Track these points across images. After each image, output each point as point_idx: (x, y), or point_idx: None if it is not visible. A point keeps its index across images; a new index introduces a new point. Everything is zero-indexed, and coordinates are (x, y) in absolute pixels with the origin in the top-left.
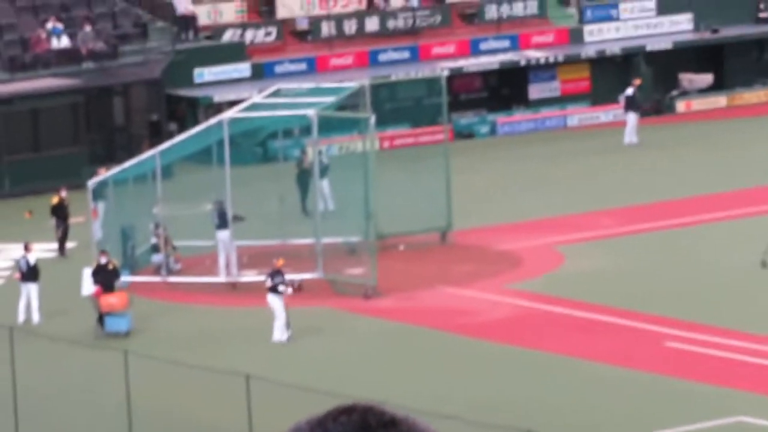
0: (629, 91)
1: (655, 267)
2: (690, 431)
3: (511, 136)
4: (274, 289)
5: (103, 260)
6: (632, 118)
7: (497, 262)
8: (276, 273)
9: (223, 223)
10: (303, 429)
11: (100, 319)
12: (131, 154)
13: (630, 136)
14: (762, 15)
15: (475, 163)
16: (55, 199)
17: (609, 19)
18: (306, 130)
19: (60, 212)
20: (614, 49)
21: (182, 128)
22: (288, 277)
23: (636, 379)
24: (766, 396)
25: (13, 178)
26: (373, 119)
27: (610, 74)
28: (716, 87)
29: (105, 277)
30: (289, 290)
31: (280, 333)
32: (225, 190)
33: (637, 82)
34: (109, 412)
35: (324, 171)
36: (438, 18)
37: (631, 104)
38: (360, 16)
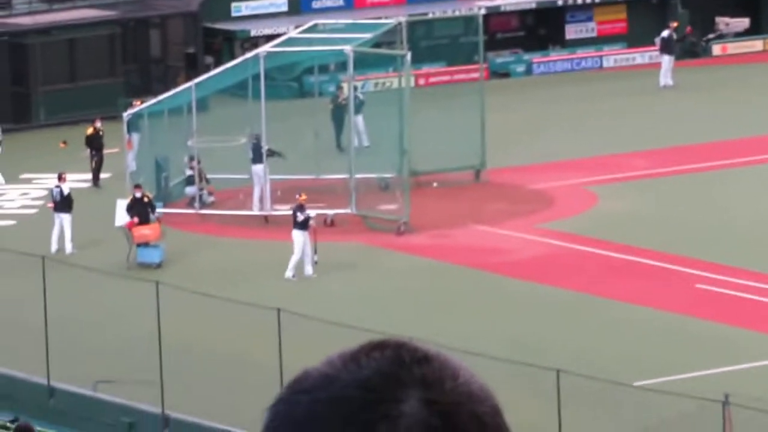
0: (665, 33)
1: (687, 209)
2: (720, 374)
3: (546, 75)
4: (299, 224)
5: (138, 194)
6: (667, 60)
7: (530, 202)
8: (299, 208)
9: (257, 157)
10: (335, 363)
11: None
12: (167, 87)
13: (665, 78)
14: None
15: (509, 102)
16: (89, 130)
17: None
18: (342, 66)
19: (94, 143)
20: None
21: (218, 62)
22: (316, 212)
23: (666, 320)
24: None
25: (49, 108)
26: (408, 56)
27: (646, 16)
28: (752, 31)
29: (140, 210)
30: (312, 214)
31: (292, 270)
32: (260, 124)
33: (674, 24)
34: (140, 343)
35: (359, 107)
36: None
37: (666, 46)
38: None
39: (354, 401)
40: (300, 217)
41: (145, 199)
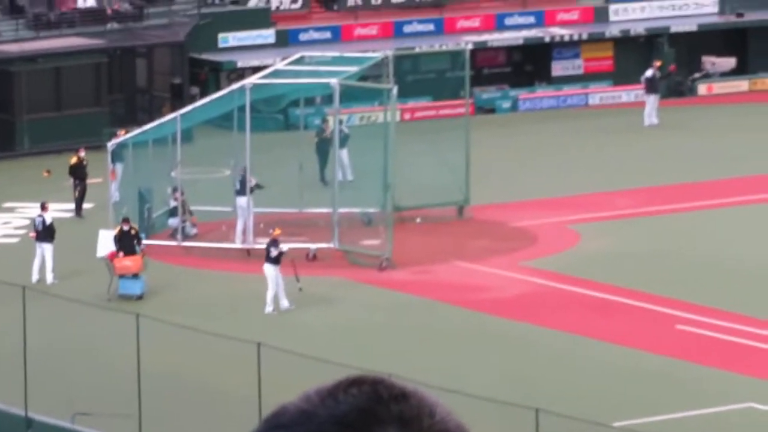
0: (649, 72)
1: (670, 249)
2: (698, 416)
3: (532, 112)
4: (271, 259)
5: (126, 227)
6: (652, 99)
7: (513, 239)
8: (273, 242)
9: (242, 190)
10: (313, 399)
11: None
12: (152, 117)
13: (650, 117)
14: None
15: (495, 138)
16: (73, 159)
17: None
18: (328, 99)
19: (78, 172)
20: (638, 29)
21: (204, 92)
22: (289, 246)
23: (646, 360)
24: None
25: (33, 136)
26: (395, 90)
27: (633, 54)
28: (739, 71)
29: (127, 242)
30: (284, 248)
31: (272, 305)
32: (245, 156)
33: (657, 63)
34: (120, 375)
35: (344, 141)
36: None
37: (651, 86)
38: None
39: None
40: (273, 252)
41: (132, 232)
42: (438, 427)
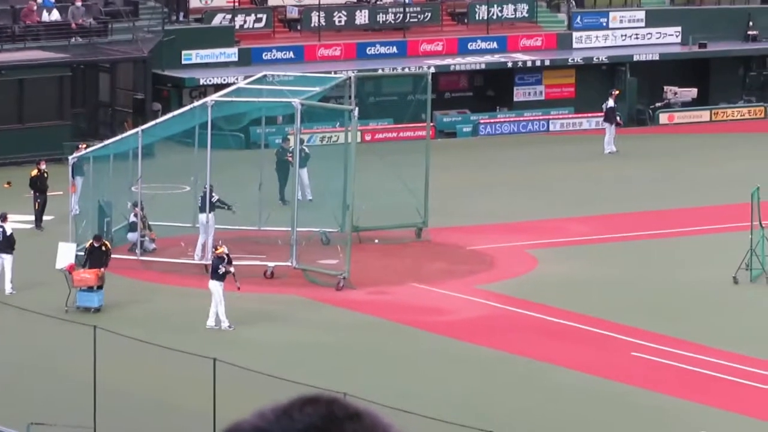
0: (610, 102)
1: (626, 276)
2: None
3: (493, 137)
4: (217, 276)
5: (97, 244)
6: (611, 128)
7: (470, 262)
8: (218, 259)
9: (204, 206)
10: (268, 416)
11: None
12: (113, 132)
13: (609, 145)
14: (751, 32)
15: (455, 162)
16: (34, 172)
17: (598, 27)
18: (289, 118)
19: (38, 185)
20: (601, 57)
21: (166, 109)
22: (235, 264)
23: (600, 386)
24: (728, 411)
25: None
26: (356, 112)
27: (595, 82)
28: (700, 101)
29: (97, 257)
30: (231, 269)
31: (214, 319)
32: (205, 173)
33: (616, 92)
34: (75, 387)
35: (304, 161)
36: (428, 15)
37: (609, 115)
38: (350, 9)
39: None
40: (221, 269)
41: (103, 248)
42: None
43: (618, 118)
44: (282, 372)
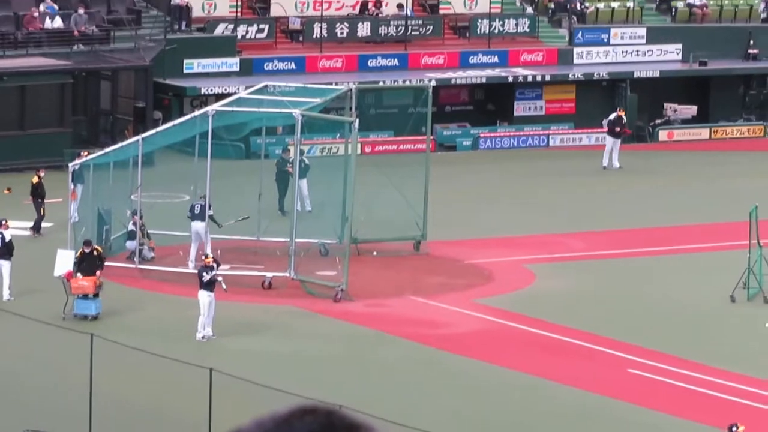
0: (612, 115)
1: (624, 293)
2: None
3: (492, 151)
4: (204, 285)
5: (87, 249)
6: (611, 141)
7: (468, 276)
8: (205, 268)
9: (200, 215)
10: (267, 425)
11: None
12: (114, 139)
13: (607, 158)
14: (751, 51)
15: (454, 175)
16: (35, 179)
17: (599, 43)
18: (290, 129)
19: (39, 191)
20: (602, 73)
21: (167, 117)
22: (223, 273)
23: (596, 402)
24: (720, 429)
25: None
26: (356, 123)
27: (595, 98)
28: (700, 119)
29: (89, 263)
30: (220, 280)
31: (201, 330)
32: (205, 182)
33: (621, 113)
34: (71, 395)
35: (304, 172)
36: (430, 28)
37: (612, 129)
38: (352, 21)
39: None
40: (206, 277)
41: (95, 253)
42: None
43: (618, 129)
44: (278, 383)
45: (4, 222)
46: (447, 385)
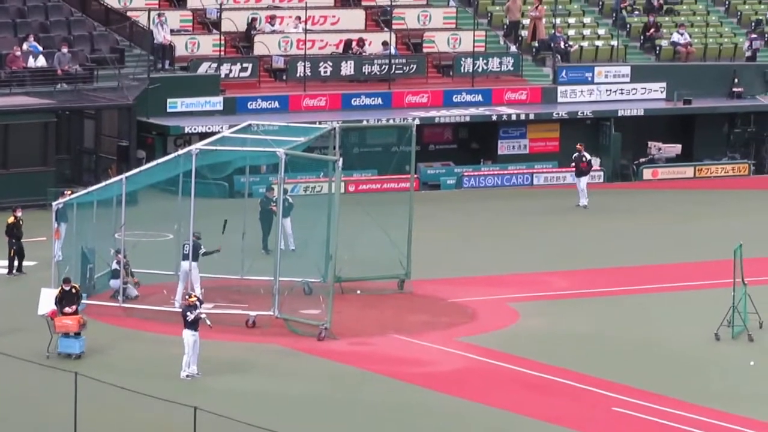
0: (575, 155)
1: (607, 331)
2: None
3: (476, 189)
4: (188, 324)
5: (67, 287)
6: (578, 180)
7: (452, 314)
8: (190, 307)
9: (185, 255)
10: None
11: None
12: (98, 178)
13: (582, 198)
14: (736, 89)
15: (438, 214)
16: (10, 219)
17: (583, 81)
18: (273, 168)
19: (15, 231)
20: (586, 111)
21: (151, 156)
22: (206, 311)
23: None
24: None
25: None
26: (340, 162)
27: (580, 136)
28: (684, 157)
29: (69, 301)
30: (204, 317)
31: (186, 368)
32: (188, 221)
33: (580, 147)
34: None
35: (288, 210)
36: (413, 67)
37: (578, 168)
38: (336, 60)
39: None
40: (190, 316)
41: (74, 291)
42: None
43: (576, 165)
44: (263, 421)
45: None
46: (430, 423)
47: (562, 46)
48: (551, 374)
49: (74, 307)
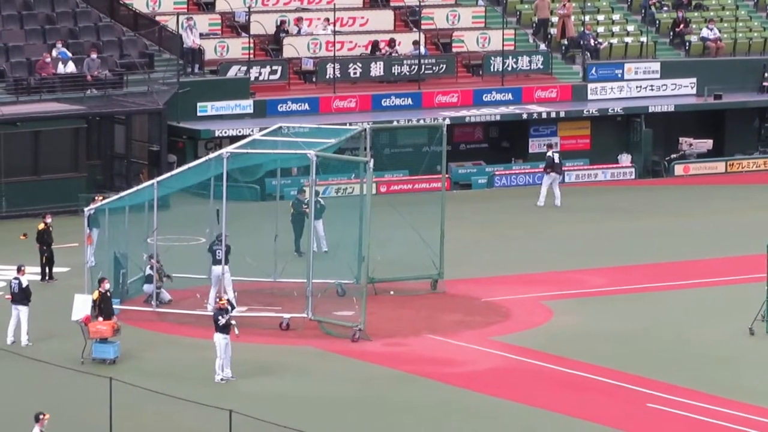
0: (549, 153)
1: (641, 328)
2: None
3: (508, 188)
4: (220, 328)
5: (103, 289)
6: (546, 179)
7: (485, 314)
8: (220, 311)
9: (217, 260)
10: None
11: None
12: (129, 183)
13: (542, 197)
14: (766, 83)
15: (470, 213)
16: (41, 225)
17: (613, 78)
18: (305, 170)
19: (45, 238)
20: (616, 108)
21: (182, 160)
22: (239, 314)
23: None
24: None
25: (11, 199)
26: (371, 163)
27: (610, 133)
28: (715, 152)
29: (106, 305)
30: (234, 324)
31: (219, 373)
32: (221, 225)
33: (548, 149)
34: None
35: (320, 212)
36: (443, 67)
37: (549, 166)
38: (365, 61)
39: None
40: (221, 321)
41: (108, 294)
42: None
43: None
44: (298, 423)
45: (21, 268)
46: (466, 423)
47: (592, 44)
48: (586, 372)
49: (113, 322)
